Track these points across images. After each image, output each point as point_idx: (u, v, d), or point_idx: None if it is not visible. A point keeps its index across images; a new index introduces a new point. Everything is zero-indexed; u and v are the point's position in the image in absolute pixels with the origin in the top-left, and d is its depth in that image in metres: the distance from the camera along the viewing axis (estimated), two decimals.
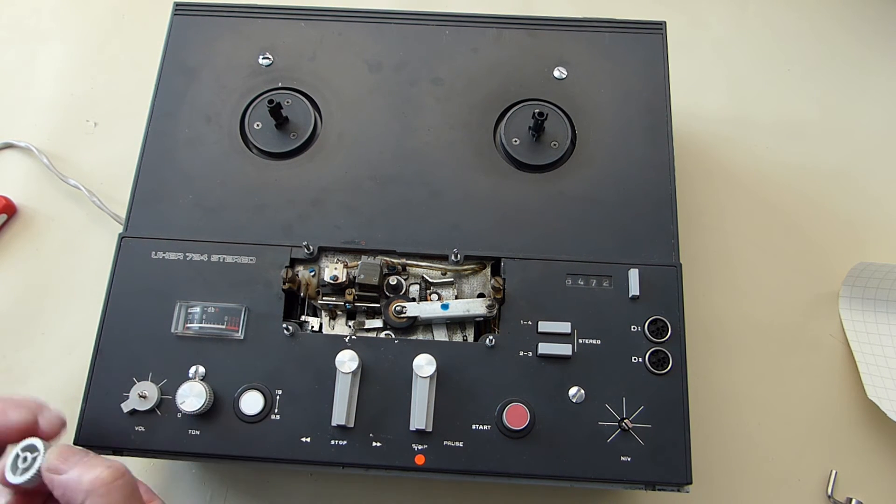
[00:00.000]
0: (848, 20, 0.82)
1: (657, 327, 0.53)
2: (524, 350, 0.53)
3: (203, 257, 0.56)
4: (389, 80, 0.63)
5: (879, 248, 0.70)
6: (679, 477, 0.50)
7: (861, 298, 0.67)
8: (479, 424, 0.51)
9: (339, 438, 0.51)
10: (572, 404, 0.52)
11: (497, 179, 0.59)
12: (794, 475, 0.61)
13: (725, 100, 0.78)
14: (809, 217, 0.71)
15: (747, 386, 0.64)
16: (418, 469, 0.50)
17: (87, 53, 0.80)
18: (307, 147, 0.61)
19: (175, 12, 0.66)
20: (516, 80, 0.63)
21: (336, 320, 0.56)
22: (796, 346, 0.66)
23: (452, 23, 0.65)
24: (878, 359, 0.64)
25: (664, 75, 0.63)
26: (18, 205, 0.72)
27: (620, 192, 0.59)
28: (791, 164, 0.74)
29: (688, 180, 0.72)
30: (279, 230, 0.57)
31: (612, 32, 0.65)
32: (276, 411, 0.51)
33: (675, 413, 0.51)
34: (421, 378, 0.50)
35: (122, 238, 0.56)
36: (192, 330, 0.54)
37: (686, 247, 0.64)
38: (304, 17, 0.66)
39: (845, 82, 0.78)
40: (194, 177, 0.59)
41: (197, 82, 0.63)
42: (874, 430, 0.63)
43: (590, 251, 0.56)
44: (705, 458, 0.61)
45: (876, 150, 0.75)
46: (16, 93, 0.78)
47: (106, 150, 0.74)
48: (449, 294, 0.56)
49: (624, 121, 0.61)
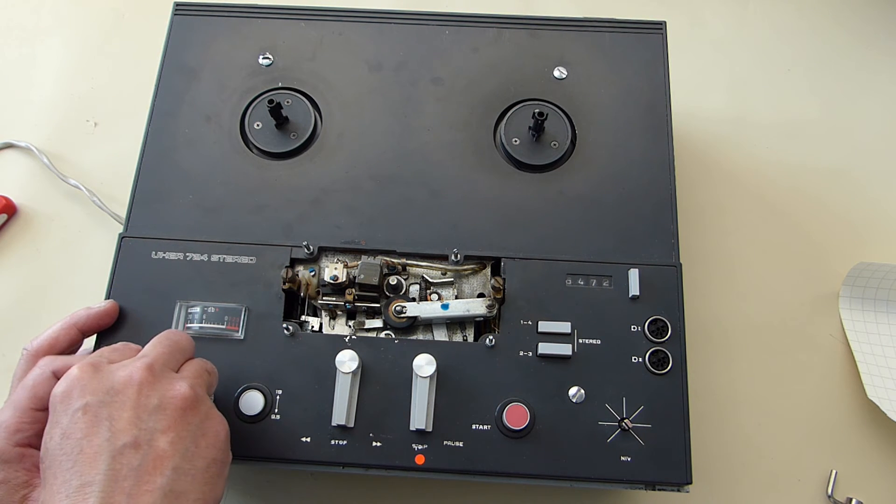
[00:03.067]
0: (848, 20, 0.82)
1: (657, 327, 0.53)
2: (524, 350, 0.53)
3: (203, 257, 0.56)
4: (389, 80, 0.63)
5: (879, 248, 0.70)
6: (679, 477, 0.50)
7: (861, 298, 0.67)
8: (479, 424, 0.51)
9: (339, 438, 0.51)
10: (572, 404, 0.52)
11: (497, 179, 0.59)
12: (794, 475, 0.61)
13: (725, 100, 0.77)
14: (809, 217, 0.71)
15: (747, 386, 0.64)
16: (418, 469, 0.50)
17: (87, 53, 0.80)
18: (307, 147, 0.61)
19: (175, 12, 0.66)
20: (516, 80, 0.63)
21: (336, 320, 0.56)
22: (796, 346, 0.66)
23: (452, 23, 0.65)
24: (878, 359, 0.64)
25: (664, 75, 0.63)
26: (18, 205, 0.71)
27: (620, 192, 0.59)
28: (791, 164, 0.74)
29: (688, 180, 0.72)
30: (279, 230, 0.57)
31: (612, 32, 0.65)
32: (276, 411, 0.51)
33: (675, 413, 0.51)
34: (421, 378, 0.50)
35: (122, 238, 0.56)
36: (193, 330, 0.54)
37: (686, 247, 0.64)
38: (304, 17, 0.66)
39: (845, 82, 0.78)
40: (194, 177, 0.59)
41: (197, 82, 0.63)
42: (874, 430, 0.63)
43: (590, 251, 0.56)
44: (705, 458, 0.61)
45: (876, 150, 0.75)
46: (16, 93, 0.78)
47: (106, 150, 0.74)
48: (449, 294, 0.56)
49: (624, 121, 0.61)
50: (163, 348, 0.46)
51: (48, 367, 0.46)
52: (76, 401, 0.41)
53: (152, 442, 0.40)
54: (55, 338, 0.50)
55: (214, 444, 0.43)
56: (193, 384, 0.44)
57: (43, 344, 0.49)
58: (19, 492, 0.43)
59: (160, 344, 0.46)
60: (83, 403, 0.41)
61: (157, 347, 0.46)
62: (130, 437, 0.40)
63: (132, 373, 0.43)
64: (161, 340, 0.47)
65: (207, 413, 0.44)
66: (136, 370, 0.43)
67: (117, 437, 0.40)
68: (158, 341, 0.47)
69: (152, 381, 0.43)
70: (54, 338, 0.50)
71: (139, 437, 0.40)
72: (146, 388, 0.42)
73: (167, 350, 0.46)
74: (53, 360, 0.47)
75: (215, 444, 0.43)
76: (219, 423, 0.44)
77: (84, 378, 0.42)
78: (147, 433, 0.41)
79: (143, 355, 0.45)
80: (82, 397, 0.41)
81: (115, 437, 0.40)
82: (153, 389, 0.42)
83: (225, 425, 0.45)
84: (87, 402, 0.41)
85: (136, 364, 0.43)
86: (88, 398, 0.41)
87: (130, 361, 0.44)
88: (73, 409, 0.41)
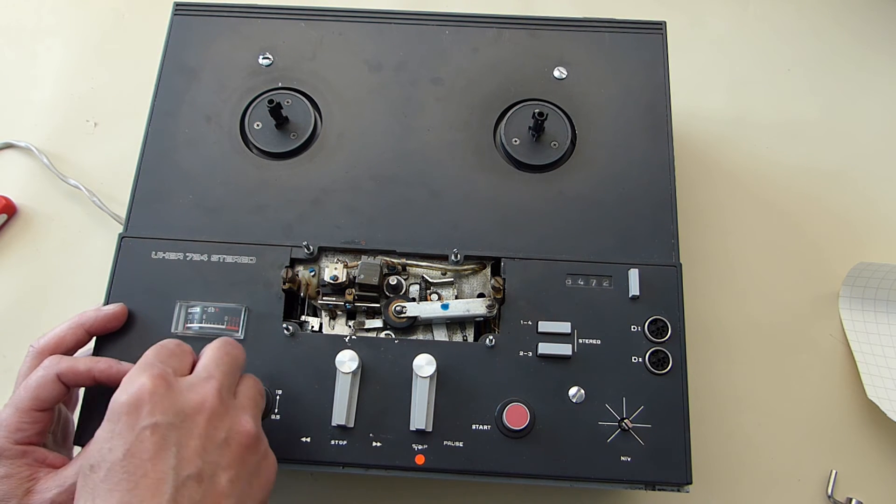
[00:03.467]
0: (848, 20, 0.82)
1: (657, 327, 0.53)
2: (524, 350, 0.53)
3: (203, 257, 0.56)
4: (389, 80, 0.63)
5: (879, 248, 0.70)
6: (679, 477, 0.50)
7: (861, 298, 0.67)
8: (479, 424, 0.51)
9: (339, 438, 0.51)
10: (572, 404, 0.52)
11: (497, 179, 0.59)
12: (794, 475, 0.61)
13: (725, 100, 0.77)
14: (809, 217, 0.71)
15: (747, 386, 0.64)
16: (418, 469, 0.50)
17: (87, 53, 0.80)
18: (307, 147, 0.61)
19: (175, 12, 0.66)
20: (516, 80, 0.63)
21: (336, 320, 0.56)
22: (796, 346, 0.66)
23: (452, 23, 0.65)
24: (878, 359, 0.64)
25: (664, 75, 0.63)
26: (18, 205, 0.72)
27: (620, 192, 0.59)
28: (791, 164, 0.74)
29: (688, 180, 0.72)
30: (279, 230, 0.57)
31: (612, 32, 0.65)
32: (276, 411, 0.51)
33: (675, 413, 0.51)
34: (421, 378, 0.50)
35: (122, 238, 0.56)
36: (193, 330, 0.54)
37: (686, 247, 0.64)
38: (303, 17, 0.66)
39: (845, 82, 0.78)
40: (194, 177, 0.59)
41: (197, 82, 0.63)
42: (874, 430, 0.63)
43: (590, 251, 0.56)
44: (705, 458, 0.61)
45: (876, 151, 0.75)
46: (16, 93, 0.78)
47: (106, 150, 0.74)
48: (449, 294, 0.56)
49: (624, 121, 0.61)
50: (226, 367, 0.44)
51: (53, 369, 0.46)
52: (146, 418, 0.39)
53: (214, 478, 0.40)
54: (62, 337, 0.50)
55: (265, 487, 0.43)
56: (256, 417, 0.44)
57: (49, 343, 0.49)
58: (23, 485, 0.43)
59: (223, 362, 0.45)
60: (153, 422, 0.39)
61: (221, 366, 0.44)
62: (195, 469, 0.39)
63: (205, 399, 0.41)
64: (222, 357, 0.45)
65: (265, 453, 0.44)
66: (208, 396, 0.41)
67: (183, 467, 0.39)
68: (219, 357, 0.45)
69: (222, 411, 0.42)
70: (61, 337, 0.50)
71: (203, 470, 0.39)
72: (215, 418, 0.41)
73: (230, 370, 0.44)
74: (59, 362, 0.47)
75: (266, 486, 0.43)
76: (272, 465, 0.44)
77: (157, 394, 0.40)
78: (211, 467, 0.40)
79: (209, 376, 0.43)
80: (152, 415, 0.39)
81: (180, 465, 0.39)
82: (222, 421, 0.41)
83: (275, 466, 0.45)
84: (157, 422, 0.39)
85: (207, 388, 0.42)
86: (158, 417, 0.39)
87: (200, 382, 0.42)
88: (142, 427, 0.39)
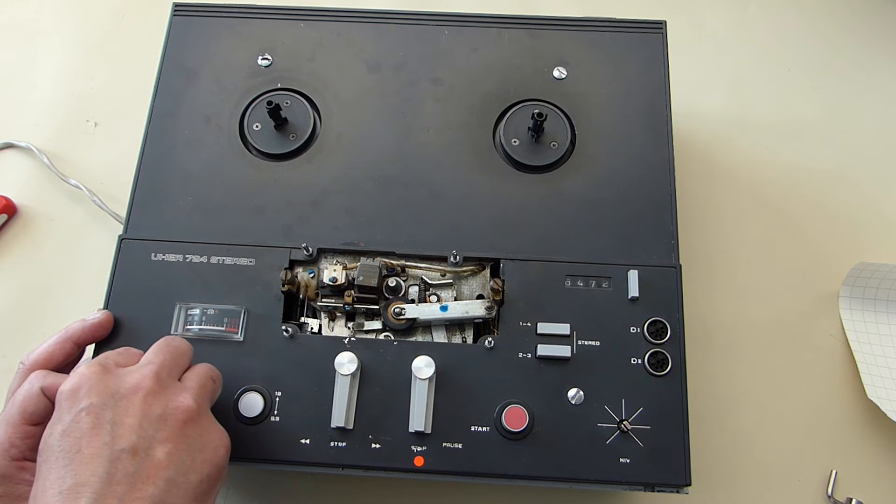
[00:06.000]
0: (848, 20, 0.82)
1: (656, 328, 0.53)
2: (523, 351, 0.53)
3: (203, 259, 0.56)
4: (389, 81, 0.63)
5: (879, 248, 0.70)
6: (678, 478, 0.50)
7: (861, 298, 0.67)
8: (478, 426, 0.51)
9: (338, 440, 0.51)
10: (571, 406, 0.52)
11: (496, 180, 0.59)
12: (794, 475, 0.61)
13: (725, 100, 0.77)
14: (809, 217, 0.71)
15: (747, 386, 0.64)
16: (417, 471, 0.50)
17: (87, 53, 0.80)
18: (306, 148, 0.61)
19: (175, 12, 0.66)
20: (516, 80, 0.63)
21: (335, 322, 0.56)
22: (796, 346, 0.66)
23: (452, 23, 0.65)
24: (878, 359, 0.64)
25: (664, 75, 0.63)
26: (18, 205, 0.72)
27: (620, 192, 0.59)
28: (791, 165, 0.74)
29: (688, 180, 0.72)
30: (278, 232, 0.57)
31: (612, 32, 0.65)
32: (276, 413, 0.51)
33: (674, 414, 0.51)
34: (420, 380, 0.50)
35: (121, 240, 0.56)
36: (192, 332, 0.54)
37: (686, 247, 0.64)
38: (303, 17, 0.65)
39: (845, 82, 0.78)
40: (194, 178, 0.59)
41: (196, 83, 0.63)
42: (874, 430, 0.63)
43: (589, 252, 0.56)
44: (705, 460, 0.61)
45: (876, 151, 0.75)
46: (16, 93, 0.78)
47: (106, 150, 0.74)
48: (448, 295, 0.56)
49: (624, 121, 0.61)
50: (166, 355, 0.46)
51: (37, 383, 0.46)
52: (82, 400, 0.41)
53: (150, 451, 0.41)
54: (50, 352, 0.50)
55: (211, 460, 0.43)
56: (197, 396, 0.44)
57: (39, 358, 0.49)
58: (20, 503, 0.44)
59: (162, 351, 0.46)
60: (88, 403, 0.41)
61: (161, 354, 0.46)
62: (129, 443, 0.40)
63: (140, 380, 0.43)
64: (163, 347, 0.47)
65: (208, 427, 0.44)
66: (144, 377, 0.43)
67: (117, 442, 0.40)
68: (160, 348, 0.47)
69: (158, 390, 0.43)
70: (49, 352, 0.50)
71: (138, 444, 0.40)
72: (151, 396, 0.42)
73: (171, 357, 0.46)
74: (44, 377, 0.47)
75: (212, 459, 0.43)
76: (218, 439, 0.44)
77: (93, 378, 0.42)
78: (146, 441, 0.41)
79: (148, 362, 0.45)
80: (88, 397, 0.41)
81: (115, 441, 0.40)
82: (158, 399, 0.43)
83: (225, 440, 0.45)
84: (92, 403, 0.41)
85: (144, 371, 0.44)
86: (94, 399, 0.41)
87: (138, 368, 0.44)
88: (78, 408, 0.41)
